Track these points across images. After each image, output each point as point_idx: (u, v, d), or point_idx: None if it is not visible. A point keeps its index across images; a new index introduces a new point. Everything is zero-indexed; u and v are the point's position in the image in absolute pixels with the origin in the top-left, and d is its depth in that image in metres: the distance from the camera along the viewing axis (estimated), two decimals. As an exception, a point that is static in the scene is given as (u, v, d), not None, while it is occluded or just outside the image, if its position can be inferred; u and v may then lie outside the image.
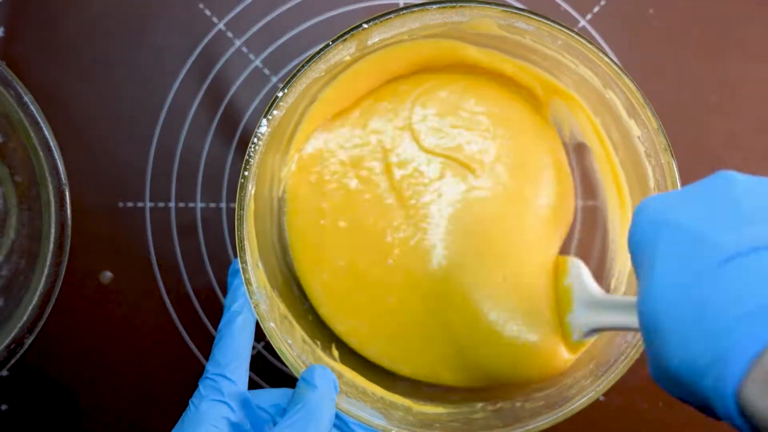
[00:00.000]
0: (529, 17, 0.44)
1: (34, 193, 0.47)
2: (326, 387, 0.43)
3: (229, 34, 0.53)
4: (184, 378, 0.53)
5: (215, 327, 0.54)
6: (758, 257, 0.29)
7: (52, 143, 0.45)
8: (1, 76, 0.44)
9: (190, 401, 0.42)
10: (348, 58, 0.46)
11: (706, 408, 0.30)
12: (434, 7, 0.43)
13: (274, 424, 0.44)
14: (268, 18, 0.53)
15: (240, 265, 0.44)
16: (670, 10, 0.54)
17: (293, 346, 0.45)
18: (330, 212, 0.49)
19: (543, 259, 0.49)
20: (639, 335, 0.45)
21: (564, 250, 0.51)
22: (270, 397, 0.44)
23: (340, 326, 0.50)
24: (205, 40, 0.53)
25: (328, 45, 0.43)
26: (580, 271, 0.47)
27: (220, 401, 0.42)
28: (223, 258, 0.54)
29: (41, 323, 0.45)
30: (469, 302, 0.48)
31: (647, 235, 0.34)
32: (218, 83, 0.53)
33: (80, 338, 0.53)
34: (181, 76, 0.53)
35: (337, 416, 0.45)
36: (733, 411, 0.28)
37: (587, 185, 0.52)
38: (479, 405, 0.48)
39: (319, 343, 0.49)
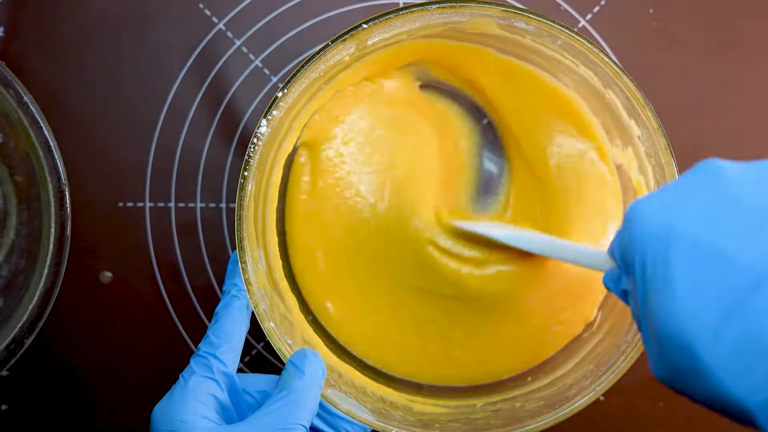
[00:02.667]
0: (529, 17, 0.44)
1: (34, 193, 0.47)
2: (314, 373, 0.43)
3: (229, 34, 0.53)
4: (184, 378, 0.53)
5: (215, 327, 0.54)
6: None
7: (52, 143, 0.45)
8: (1, 76, 0.44)
9: (180, 375, 0.43)
10: (348, 58, 0.46)
11: (725, 410, 0.30)
12: (434, 7, 0.43)
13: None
14: (268, 18, 0.53)
15: (240, 265, 0.44)
16: (670, 10, 0.54)
17: (293, 346, 0.45)
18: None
19: None
20: (639, 335, 0.45)
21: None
22: (257, 382, 0.45)
23: (340, 333, 0.50)
24: (205, 40, 0.53)
25: (327, 45, 0.43)
26: None
27: (209, 378, 0.42)
28: (222, 258, 0.54)
29: (41, 323, 0.45)
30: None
31: (652, 248, 0.32)
32: (218, 83, 0.53)
33: (80, 338, 0.53)
34: (181, 76, 0.53)
35: (327, 411, 0.45)
36: None
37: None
38: (479, 405, 0.48)
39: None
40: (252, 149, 0.43)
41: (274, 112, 0.44)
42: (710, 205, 0.31)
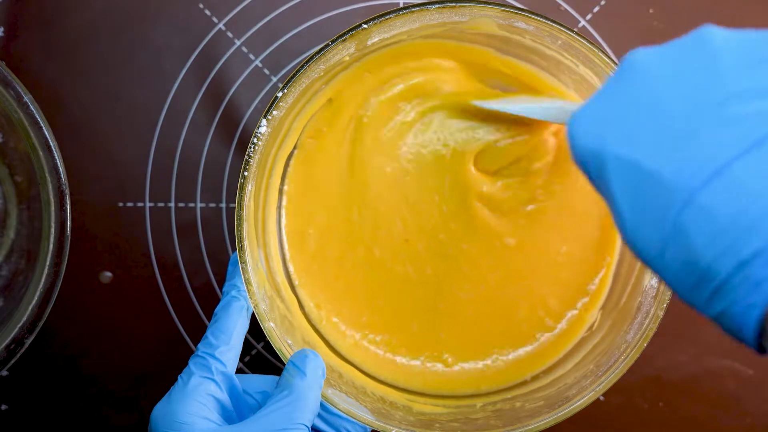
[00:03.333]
0: (529, 17, 0.44)
1: (34, 193, 0.47)
2: (315, 374, 0.43)
3: (229, 34, 0.53)
4: (184, 378, 0.53)
5: (215, 327, 0.54)
6: (712, 192, 0.28)
7: (52, 143, 0.45)
8: (1, 76, 0.45)
9: (179, 376, 0.43)
10: (348, 58, 0.46)
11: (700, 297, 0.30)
12: (434, 7, 0.43)
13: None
14: (268, 18, 0.53)
15: (240, 266, 0.44)
16: (670, 10, 0.54)
17: (293, 346, 0.45)
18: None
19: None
20: (640, 333, 0.45)
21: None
22: (257, 383, 0.45)
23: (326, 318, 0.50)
24: (205, 40, 0.53)
25: (327, 45, 0.43)
26: None
27: (208, 378, 0.42)
28: (222, 258, 0.54)
29: (41, 323, 0.45)
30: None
31: (594, 168, 0.32)
32: (218, 83, 0.53)
33: (80, 338, 0.53)
34: (181, 76, 0.53)
35: (327, 411, 0.45)
36: (752, 321, 0.28)
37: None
38: (479, 405, 0.48)
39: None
40: (252, 149, 0.43)
41: (274, 112, 0.44)
42: (637, 115, 0.31)
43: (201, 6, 0.53)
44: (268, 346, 0.54)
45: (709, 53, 0.30)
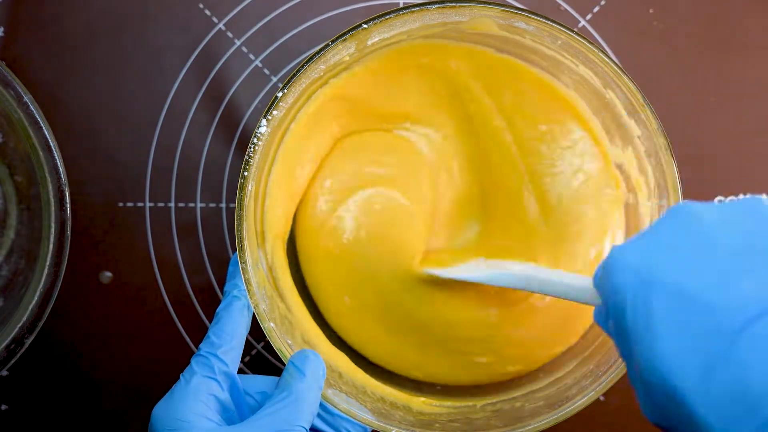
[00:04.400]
0: (529, 17, 0.44)
1: (34, 193, 0.47)
2: (314, 374, 0.43)
3: (229, 34, 0.53)
4: (184, 378, 0.53)
5: (215, 327, 0.54)
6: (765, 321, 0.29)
7: (52, 143, 0.45)
8: (1, 76, 0.44)
9: (181, 375, 0.43)
10: (348, 58, 0.46)
11: None
12: (434, 7, 0.43)
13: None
14: (268, 18, 0.53)
15: (240, 266, 0.44)
16: (670, 10, 0.54)
17: (293, 346, 0.45)
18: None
19: None
20: None
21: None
22: (259, 383, 0.45)
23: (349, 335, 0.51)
24: (205, 40, 0.53)
25: (327, 45, 0.43)
26: None
27: (209, 377, 0.42)
28: (223, 258, 0.54)
29: (41, 323, 0.45)
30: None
31: (633, 297, 0.32)
32: (218, 83, 0.53)
33: (80, 338, 0.53)
34: (181, 76, 0.53)
35: (327, 411, 0.45)
36: None
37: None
38: (479, 405, 0.48)
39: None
40: (252, 149, 0.43)
41: (274, 112, 0.44)
42: (687, 251, 0.32)
43: (201, 6, 0.53)
44: (268, 346, 0.54)
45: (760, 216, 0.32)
